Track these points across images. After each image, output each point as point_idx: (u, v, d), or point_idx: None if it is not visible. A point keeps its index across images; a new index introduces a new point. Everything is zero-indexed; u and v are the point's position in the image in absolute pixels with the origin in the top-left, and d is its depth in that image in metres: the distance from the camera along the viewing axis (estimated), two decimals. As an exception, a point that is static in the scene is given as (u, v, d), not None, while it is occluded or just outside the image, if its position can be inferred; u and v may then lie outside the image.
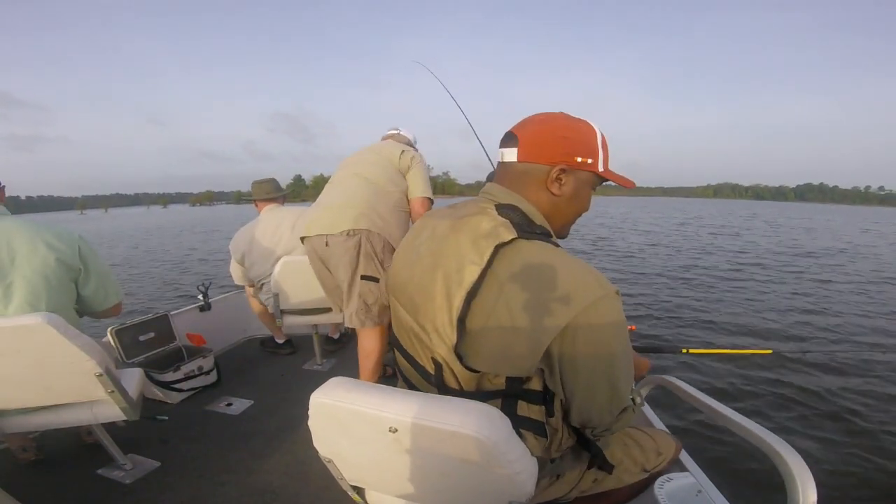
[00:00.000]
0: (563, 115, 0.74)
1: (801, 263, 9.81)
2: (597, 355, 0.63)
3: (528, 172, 0.72)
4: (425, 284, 0.70)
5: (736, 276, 8.31)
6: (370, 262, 1.69)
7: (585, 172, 0.73)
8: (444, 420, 0.60)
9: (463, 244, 0.67)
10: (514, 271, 0.63)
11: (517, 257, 0.64)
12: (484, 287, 0.63)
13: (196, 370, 2.14)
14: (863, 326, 5.26)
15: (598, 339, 0.62)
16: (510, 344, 0.62)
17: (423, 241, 0.76)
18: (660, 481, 0.98)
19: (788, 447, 0.75)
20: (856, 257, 10.88)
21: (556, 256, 0.65)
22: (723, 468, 2.42)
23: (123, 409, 1.31)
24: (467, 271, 0.64)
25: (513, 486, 0.65)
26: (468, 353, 0.65)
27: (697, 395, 1.03)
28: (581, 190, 0.74)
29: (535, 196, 0.73)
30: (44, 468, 1.56)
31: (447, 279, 0.66)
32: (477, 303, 0.63)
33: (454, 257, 0.67)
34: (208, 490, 1.44)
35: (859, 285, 7.64)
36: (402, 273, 0.79)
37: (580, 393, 0.66)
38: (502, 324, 0.62)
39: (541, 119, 0.74)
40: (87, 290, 1.40)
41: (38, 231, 1.30)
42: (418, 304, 0.72)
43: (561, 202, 0.73)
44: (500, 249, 0.64)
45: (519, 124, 0.75)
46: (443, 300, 0.66)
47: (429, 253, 0.73)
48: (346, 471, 0.80)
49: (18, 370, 1.16)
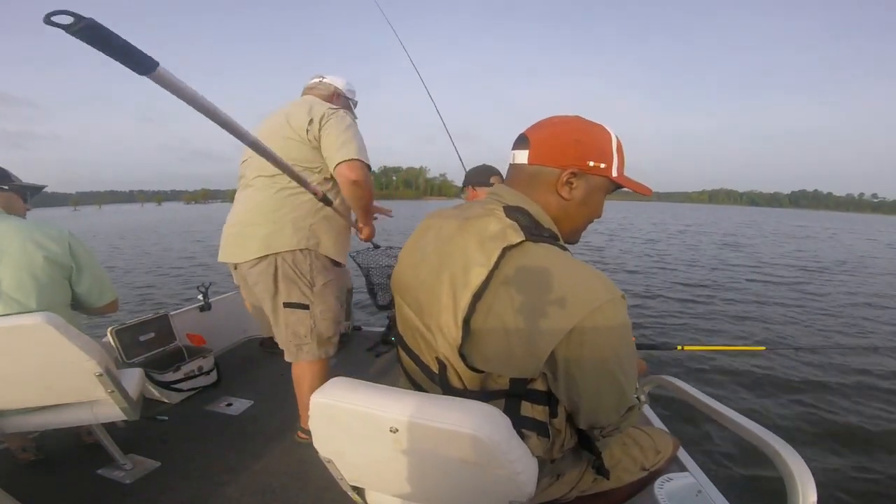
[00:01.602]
0: (578, 119, 0.73)
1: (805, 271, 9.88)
2: (604, 358, 0.63)
3: (539, 175, 0.72)
4: (431, 285, 0.70)
5: (736, 280, 8.35)
6: (293, 287, 1.44)
7: (598, 177, 0.72)
8: (445, 420, 0.60)
9: (470, 245, 0.67)
10: (521, 274, 0.62)
11: (524, 260, 0.63)
12: (490, 289, 0.63)
13: (196, 370, 2.13)
14: (856, 325, 5.30)
15: (605, 343, 0.62)
16: (515, 345, 0.62)
17: (429, 242, 0.76)
18: (660, 481, 0.98)
19: (788, 447, 0.75)
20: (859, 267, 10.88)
21: (563, 260, 0.64)
22: (723, 468, 2.42)
23: (123, 409, 1.31)
24: (474, 273, 0.64)
25: (513, 486, 0.65)
26: (472, 354, 0.65)
27: (697, 395, 1.03)
28: (592, 195, 0.73)
29: (545, 199, 0.72)
30: (44, 468, 1.56)
31: (453, 280, 0.66)
32: (482, 304, 0.63)
33: (461, 258, 0.67)
34: (208, 490, 1.44)
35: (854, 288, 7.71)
36: (408, 273, 0.78)
37: (588, 396, 0.66)
38: (507, 325, 0.62)
39: (554, 122, 0.73)
40: (81, 287, 1.40)
41: (27, 229, 1.30)
42: (423, 305, 0.72)
43: (571, 206, 0.73)
44: (508, 252, 0.64)
45: (532, 127, 0.75)
46: (448, 301, 0.65)
47: (435, 253, 0.73)
48: (346, 471, 0.80)
49: (18, 370, 1.16)
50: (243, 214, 1.45)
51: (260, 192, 1.44)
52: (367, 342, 2.81)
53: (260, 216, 1.41)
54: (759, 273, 9.27)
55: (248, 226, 1.42)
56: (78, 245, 1.39)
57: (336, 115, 1.45)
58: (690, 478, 1.07)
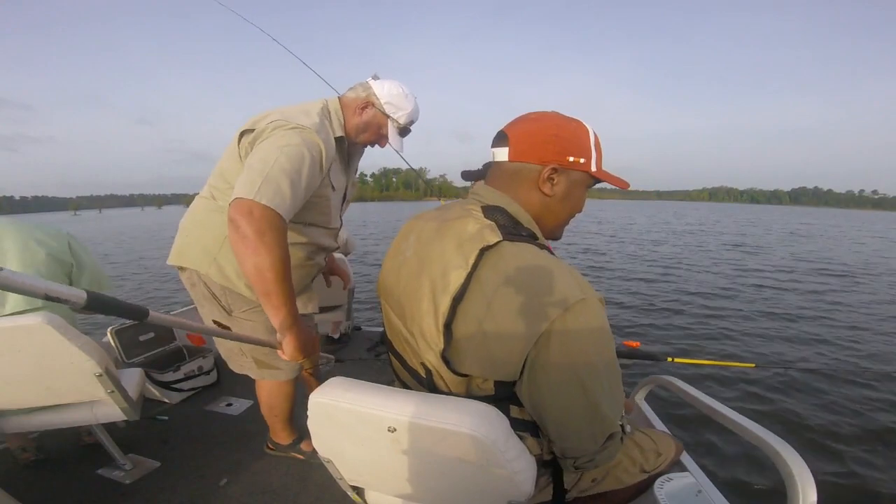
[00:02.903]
0: (556, 114, 0.73)
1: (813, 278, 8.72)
2: (572, 364, 0.59)
3: (519, 172, 0.71)
4: (412, 290, 0.69)
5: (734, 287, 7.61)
6: (212, 306, 1.23)
7: (578, 172, 0.72)
8: (443, 419, 0.60)
9: (448, 248, 0.66)
10: (498, 275, 0.62)
11: (501, 261, 0.63)
12: (469, 292, 0.62)
13: (196, 370, 2.14)
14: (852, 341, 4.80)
15: (575, 347, 0.58)
16: (493, 349, 0.61)
17: (410, 245, 0.75)
18: (660, 481, 0.98)
19: (788, 447, 0.75)
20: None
21: (540, 259, 0.63)
22: (723, 468, 2.41)
23: (123, 409, 1.31)
24: (453, 276, 0.63)
25: (512, 486, 0.64)
26: (455, 359, 0.64)
27: (697, 396, 1.03)
28: (573, 190, 0.73)
29: (527, 196, 0.71)
30: (44, 468, 1.56)
31: (433, 284, 0.65)
32: (463, 308, 0.62)
33: (439, 262, 0.66)
34: (208, 490, 1.44)
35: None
36: (390, 277, 0.78)
37: (553, 408, 0.63)
38: (486, 328, 0.61)
39: (532, 118, 0.73)
40: (82, 285, 1.41)
41: (27, 228, 1.32)
42: (406, 310, 0.71)
43: (553, 202, 0.72)
44: (486, 253, 0.63)
45: (510, 123, 0.74)
46: (429, 305, 0.65)
47: (415, 257, 0.72)
48: (346, 471, 0.80)
49: (18, 370, 1.16)
50: (181, 221, 1.28)
51: (197, 202, 1.26)
52: (367, 342, 2.81)
53: (185, 224, 1.25)
54: (779, 279, 8.30)
55: (179, 232, 1.26)
56: (76, 244, 1.41)
57: (275, 135, 1.04)
58: (690, 478, 1.06)
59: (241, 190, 0.95)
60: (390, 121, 1.23)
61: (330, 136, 1.13)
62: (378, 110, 1.21)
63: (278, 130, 1.04)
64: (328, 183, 1.18)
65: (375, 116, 1.22)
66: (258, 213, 0.94)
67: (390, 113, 1.21)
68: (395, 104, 1.21)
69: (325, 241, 1.30)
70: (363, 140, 1.26)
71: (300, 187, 1.02)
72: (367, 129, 1.24)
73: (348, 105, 1.22)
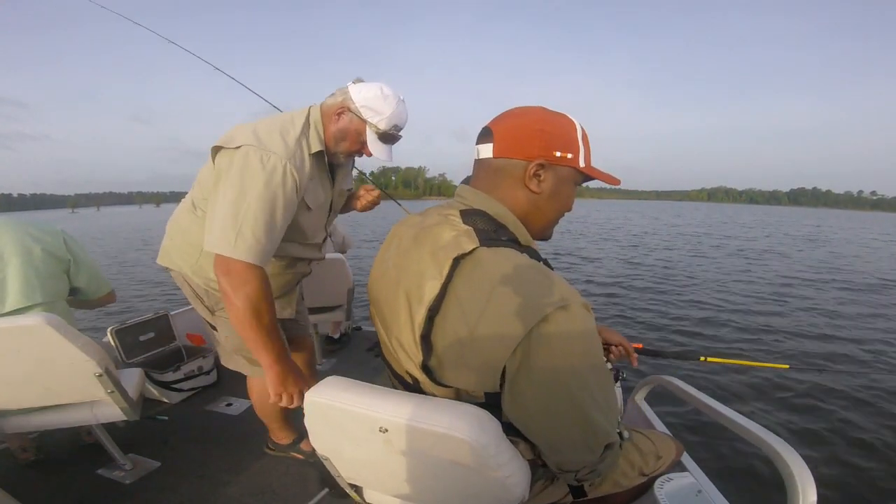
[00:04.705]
0: (541, 109, 0.70)
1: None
2: (556, 371, 0.56)
3: (505, 169, 0.68)
4: (391, 301, 0.68)
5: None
6: (199, 306, 1.28)
7: (566, 168, 0.69)
8: (434, 422, 0.59)
9: (424, 257, 0.64)
10: (473, 283, 0.59)
11: (477, 269, 0.60)
12: (445, 303, 0.60)
13: (196, 370, 2.14)
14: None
15: (558, 354, 0.55)
16: (470, 359, 0.59)
17: (391, 254, 0.73)
18: (660, 481, 0.98)
19: (788, 447, 0.75)
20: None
21: (518, 264, 0.60)
22: (723, 468, 2.41)
23: (123, 409, 1.31)
24: (427, 287, 0.61)
25: (504, 490, 0.64)
26: (438, 370, 0.63)
27: (698, 396, 1.03)
28: (562, 187, 0.70)
29: (513, 195, 0.69)
30: (44, 468, 1.56)
31: (409, 295, 0.64)
32: (440, 319, 0.60)
33: (416, 272, 0.64)
34: (208, 490, 1.44)
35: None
36: (374, 287, 0.77)
37: (541, 419, 0.60)
38: (461, 338, 0.58)
39: (517, 112, 0.70)
40: (80, 281, 1.42)
41: (21, 225, 1.33)
42: (388, 320, 0.70)
43: (540, 200, 0.69)
44: (460, 261, 0.60)
45: (495, 119, 0.71)
46: (406, 317, 0.63)
47: (394, 267, 0.70)
48: (343, 469, 0.80)
49: (18, 371, 1.17)
50: (168, 223, 1.30)
51: (181, 207, 1.27)
52: (366, 342, 2.81)
53: (170, 227, 1.27)
54: (800, 288, 7.72)
55: (166, 234, 1.28)
56: (72, 240, 1.42)
57: (246, 172, 0.99)
58: (690, 478, 1.06)
59: (218, 243, 0.98)
60: (368, 126, 1.13)
61: (305, 158, 1.08)
62: (354, 115, 1.12)
63: (248, 161, 1.00)
64: (304, 205, 1.14)
65: (352, 122, 1.13)
66: (236, 269, 0.98)
67: (367, 118, 1.12)
68: (372, 107, 1.11)
69: (304, 253, 1.29)
70: (344, 149, 1.17)
71: (276, 228, 1.03)
72: (346, 137, 1.15)
73: (326, 112, 1.15)
